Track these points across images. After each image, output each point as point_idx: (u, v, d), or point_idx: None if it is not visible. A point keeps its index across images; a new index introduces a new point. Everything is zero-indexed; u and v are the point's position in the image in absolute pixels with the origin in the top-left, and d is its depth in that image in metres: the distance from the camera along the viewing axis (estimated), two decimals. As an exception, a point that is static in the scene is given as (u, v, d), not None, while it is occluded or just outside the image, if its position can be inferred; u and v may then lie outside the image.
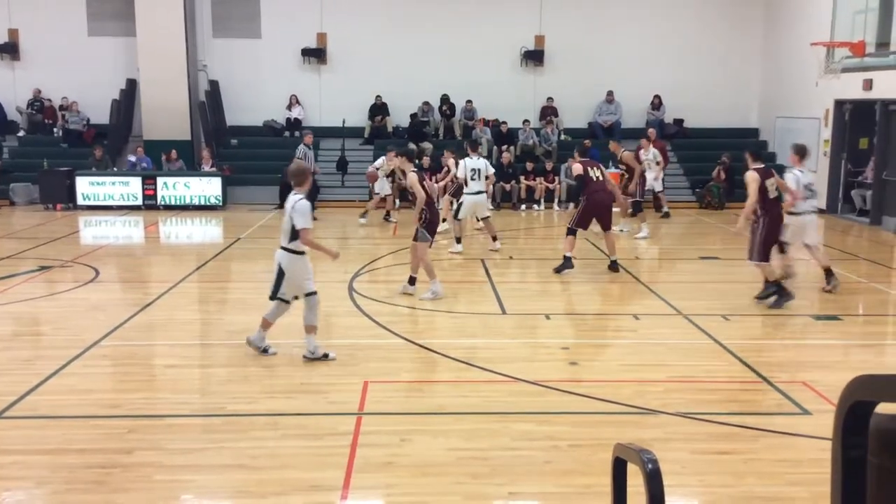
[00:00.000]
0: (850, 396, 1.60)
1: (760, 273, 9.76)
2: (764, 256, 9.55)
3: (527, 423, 6.07)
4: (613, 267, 11.59)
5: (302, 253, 7.28)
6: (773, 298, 9.63)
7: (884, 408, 1.61)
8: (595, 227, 11.71)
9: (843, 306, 10.12)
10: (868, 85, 16.46)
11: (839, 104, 17.74)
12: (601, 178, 11.47)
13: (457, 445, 5.64)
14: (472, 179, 12.80)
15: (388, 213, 16.59)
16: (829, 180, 18.15)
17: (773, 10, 20.85)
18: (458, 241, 13.16)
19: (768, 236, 9.50)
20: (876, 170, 16.65)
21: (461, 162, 13.11)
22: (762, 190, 9.35)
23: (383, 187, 16.15)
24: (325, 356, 7.39)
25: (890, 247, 14.45)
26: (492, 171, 13.44)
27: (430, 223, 9.85)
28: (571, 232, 11.53)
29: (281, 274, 7.26)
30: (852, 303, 10.48)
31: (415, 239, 9.86)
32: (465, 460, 5.39)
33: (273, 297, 7.36)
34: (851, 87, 16.99)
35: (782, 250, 9.97)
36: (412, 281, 10.05)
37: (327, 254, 7.61)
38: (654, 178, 16.45)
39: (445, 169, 15.07)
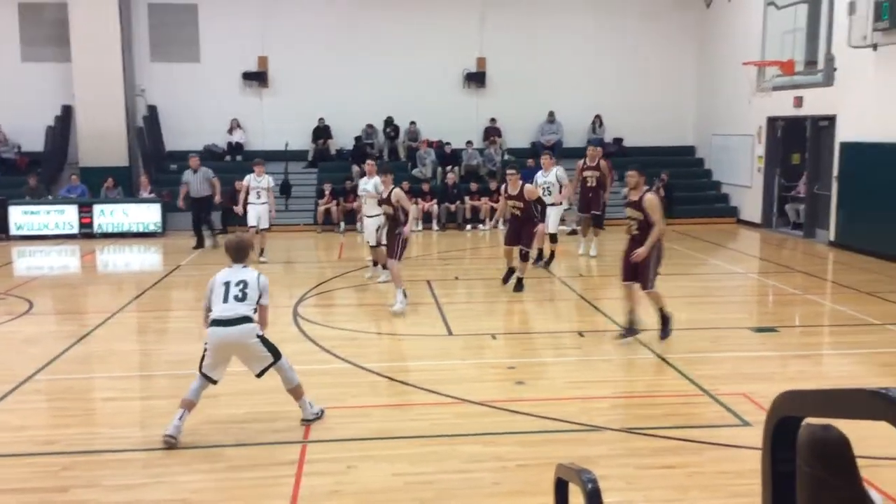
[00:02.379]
0: (777, 412, 1.63)
1: (655, 302, 8.81)
2: (653, 283, 8.70)
3: (474, 444, 6.05)
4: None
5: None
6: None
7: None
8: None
9: (780, 318, 10.39)
10: (798, 102, 17.01)
11: (771, 121, 18.30)
12: None
13: (403, 470, 5.59)
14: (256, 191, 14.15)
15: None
16: (764, 195, 18.68)
17: (707, 31, 21.45)
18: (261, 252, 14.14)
19: (659, 262, 8.75)
20: (808, 184, 17.17)
21: (247, 177, 14.27)
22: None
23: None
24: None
25: (823, 259, 14.89)
26: (272, 184, 14.64)
27: (402, 238, 10.53)
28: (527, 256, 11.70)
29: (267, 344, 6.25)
30: (789, 314, 10.75)
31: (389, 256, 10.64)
32: (412, 485, 5.34)
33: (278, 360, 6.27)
34: (783, 105, 17.54)
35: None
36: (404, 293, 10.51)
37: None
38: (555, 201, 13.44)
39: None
